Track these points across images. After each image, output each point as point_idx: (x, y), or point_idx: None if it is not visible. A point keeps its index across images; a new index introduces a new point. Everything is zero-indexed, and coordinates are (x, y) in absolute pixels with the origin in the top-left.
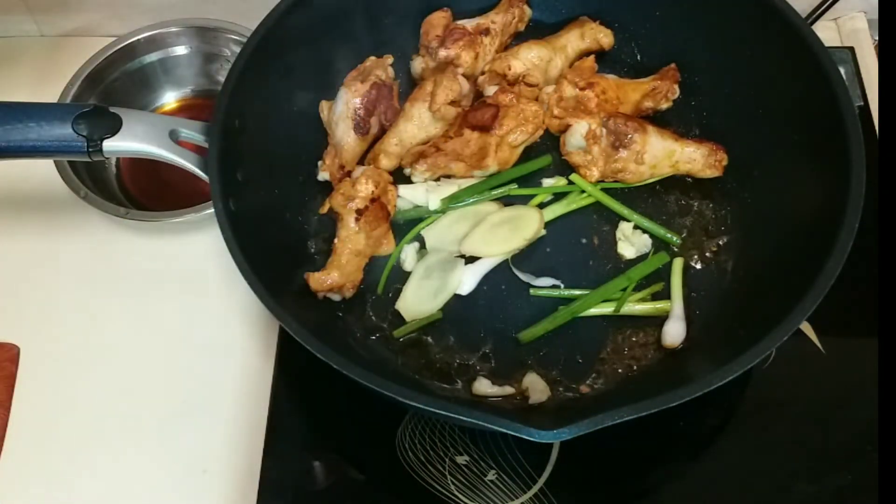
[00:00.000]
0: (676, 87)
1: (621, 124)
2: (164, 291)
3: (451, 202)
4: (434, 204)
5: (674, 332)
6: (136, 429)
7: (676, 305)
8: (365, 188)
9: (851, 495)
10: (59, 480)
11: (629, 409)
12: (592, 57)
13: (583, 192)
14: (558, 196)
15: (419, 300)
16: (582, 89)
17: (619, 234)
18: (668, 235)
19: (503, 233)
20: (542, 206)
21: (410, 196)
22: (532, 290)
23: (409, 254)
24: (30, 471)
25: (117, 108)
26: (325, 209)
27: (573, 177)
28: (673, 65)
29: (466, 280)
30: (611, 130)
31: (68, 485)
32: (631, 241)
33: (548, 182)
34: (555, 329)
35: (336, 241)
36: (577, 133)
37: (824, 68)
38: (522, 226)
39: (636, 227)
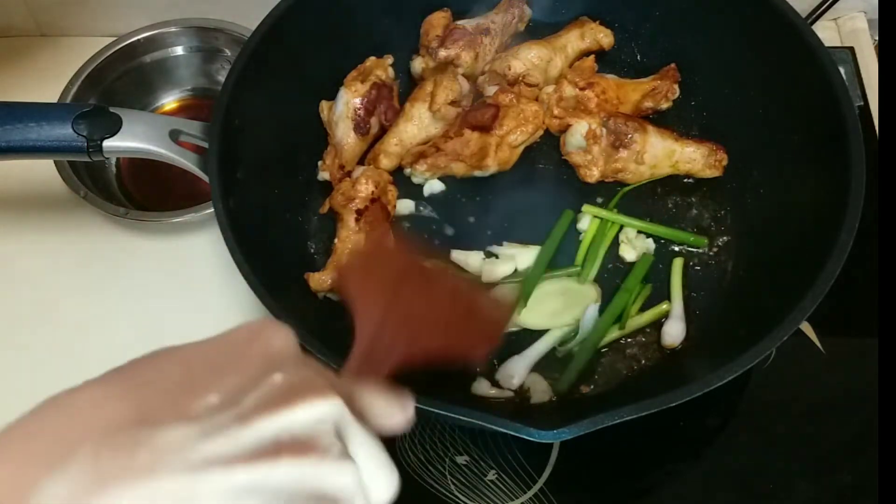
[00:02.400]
0: (676, 87)
1: (621, 124)
2: (164, 291)
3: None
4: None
5: (674, 332)
6: None
7: (676, 305)
8: (365, 188)
9: (851, 495)
10: None
11: (629, 409)
12: (592, 57)
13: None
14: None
15: None
16: (582, 89)
17: (622, 237)
18: (693, 239)
19: (555, 305)
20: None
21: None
22: None
23: None
24: None
25: (117, 108)
26: (325, 209)
27: (586, 209)
28: (673, 65)
29: (516, 371)
30: (611, 130)
31: None
32: (633, 245)
33: (582, 225)
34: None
35: (336, 241)
36: (577, 133)
37: (824, 68)
38: (576, 301)
39: (640, 231)
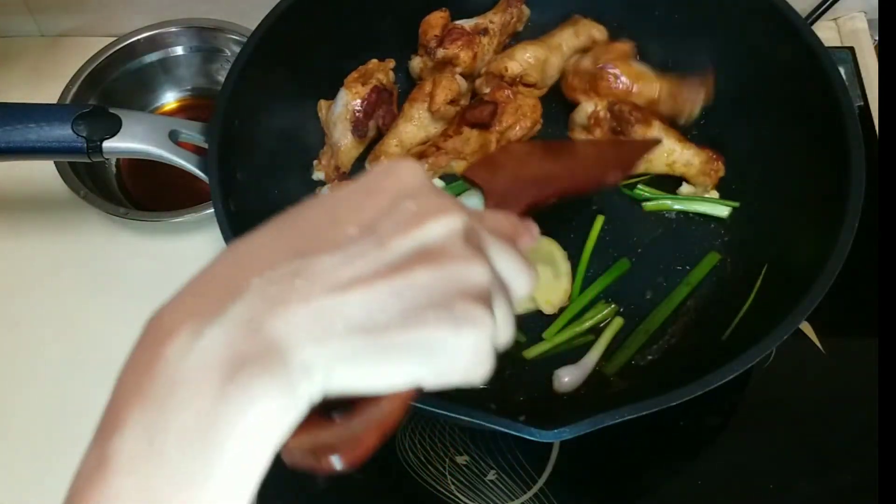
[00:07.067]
0: (701, 97)
1: (626, 112)
2: (164, 291)
3: None
4: None
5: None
6: None
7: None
8: None
9: (852, 495)
10: (55, 481)
11: (629, 409)
12: (627, 42)
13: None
14: None
15: None
16: (598, 68)
17: None
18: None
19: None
20: None
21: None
22: None
23: None
24: (24, 472)
25: (117, 109)
26: None
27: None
28: (709, 67)
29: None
30: (615, 115)
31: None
32: None
33: None
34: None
35: None
36: (583, 112)
37: (824, 68)
38: (549, 260)
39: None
